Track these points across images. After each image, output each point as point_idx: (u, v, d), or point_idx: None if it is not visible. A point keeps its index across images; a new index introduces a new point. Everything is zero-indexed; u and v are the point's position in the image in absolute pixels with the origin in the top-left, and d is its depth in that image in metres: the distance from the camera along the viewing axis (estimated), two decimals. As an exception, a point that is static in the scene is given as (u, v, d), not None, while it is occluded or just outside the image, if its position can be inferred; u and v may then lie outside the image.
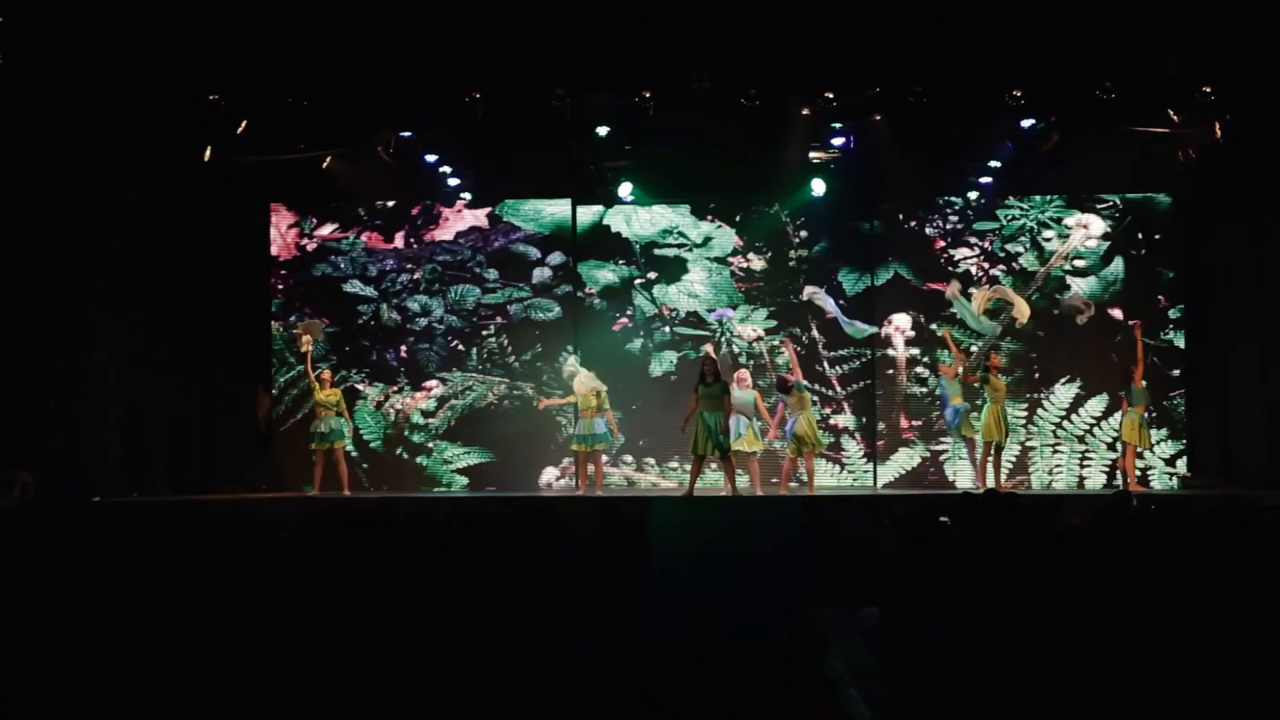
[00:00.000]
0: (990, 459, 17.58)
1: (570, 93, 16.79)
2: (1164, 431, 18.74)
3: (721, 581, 11.62)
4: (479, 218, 19.65)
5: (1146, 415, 17.83)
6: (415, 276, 19.56)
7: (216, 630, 6.61)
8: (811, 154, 18.46)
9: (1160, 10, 15.50)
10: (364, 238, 19.64)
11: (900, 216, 19.28)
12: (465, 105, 16.73)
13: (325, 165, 18.36)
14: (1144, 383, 17.70)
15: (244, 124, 17.07)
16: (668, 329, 19.47)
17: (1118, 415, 18.38)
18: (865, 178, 18.99)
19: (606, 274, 19.57)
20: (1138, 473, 18.06)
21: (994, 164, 18.44)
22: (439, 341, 19.57)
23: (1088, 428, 18.75)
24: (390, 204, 19.64)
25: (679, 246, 19.55)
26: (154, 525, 9.72)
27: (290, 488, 18.93)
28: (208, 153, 17.34)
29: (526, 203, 19.60)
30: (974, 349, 18.90)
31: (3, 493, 14.32)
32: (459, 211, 19.63)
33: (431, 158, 18.37)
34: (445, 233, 19.66)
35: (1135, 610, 6.86)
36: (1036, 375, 19.02)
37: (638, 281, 19.56)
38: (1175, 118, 17.00)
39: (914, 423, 19.03)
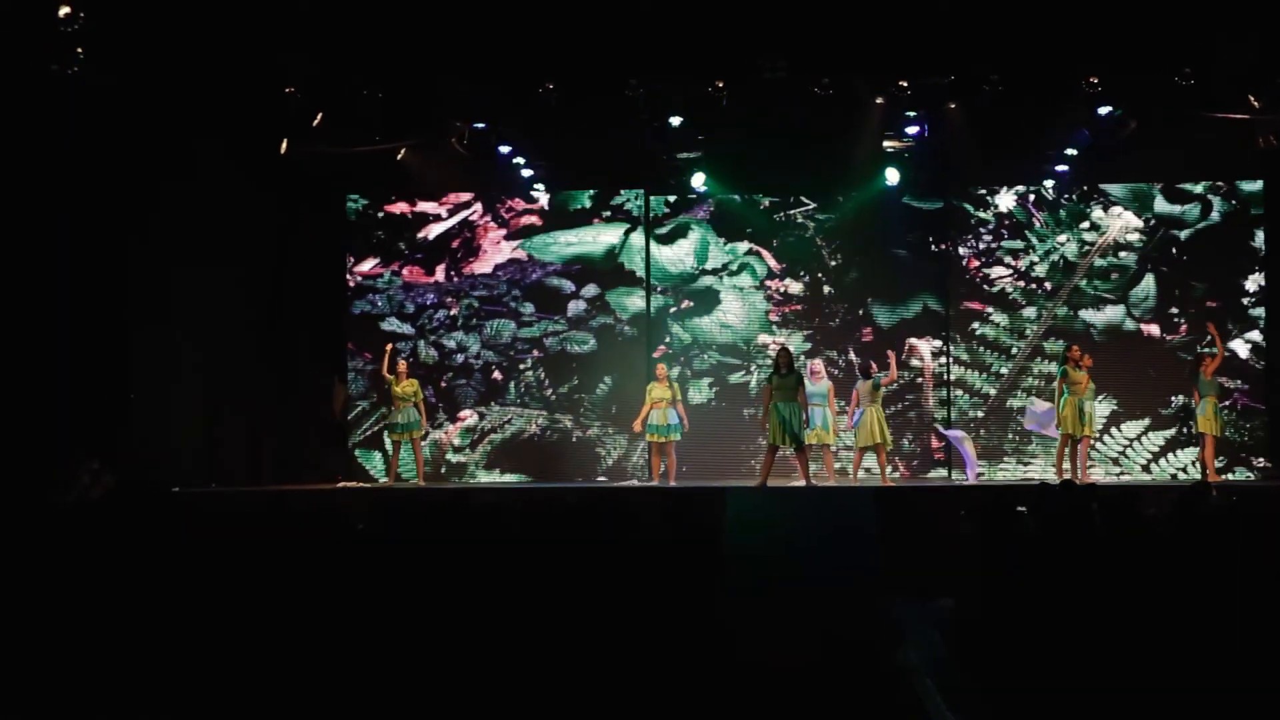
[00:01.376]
0: (1068, 451, 17.44)
1: (643, 83, 16.78)
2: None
3: (795, 573, 11.60)
4: (516, 250, 19.70)
5: (1220, 404, 17.60)
6: (453, 313, 19.63)
7: (296, 620, 6.67)
8: (886, 143, 18.34)
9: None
10: (405, 272, 19.71)
11: (930, 239, 19.19)
12: (539, 96, 16.76)
13: (399, 157, 18.45)
14: (1213, 375, 17.49)
15: (320, 116, 17.20)
16: (706, 355, 19.39)
17: (1153, 435, 18.33)
18: (937, 166, 18.90)
19: (636, 300, 19.57)
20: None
21: (1070, 152, 18.27)
22: (476, 377, 19.61)
23: (1121, 449, 18.48)
24: (431, 236, 19.68)
25: (713, 274, 19.51)
26: (232, 515, 9.81)
27: (365, 478, 19.09)
28: (284, 145, 17.48)
29: (580, 231, 19.65)
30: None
31: (71, 481, 14.46)
32: (498, 244, 19.67)
33: (505, 149, 18.41)
34: (484, 265, 19.70)
35: (1215, 601, 6.80)
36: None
37: (671, 310, 19.54)
38: (1256, 103, 16.79)
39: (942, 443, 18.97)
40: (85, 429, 15.62)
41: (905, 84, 16.88)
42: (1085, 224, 19.06)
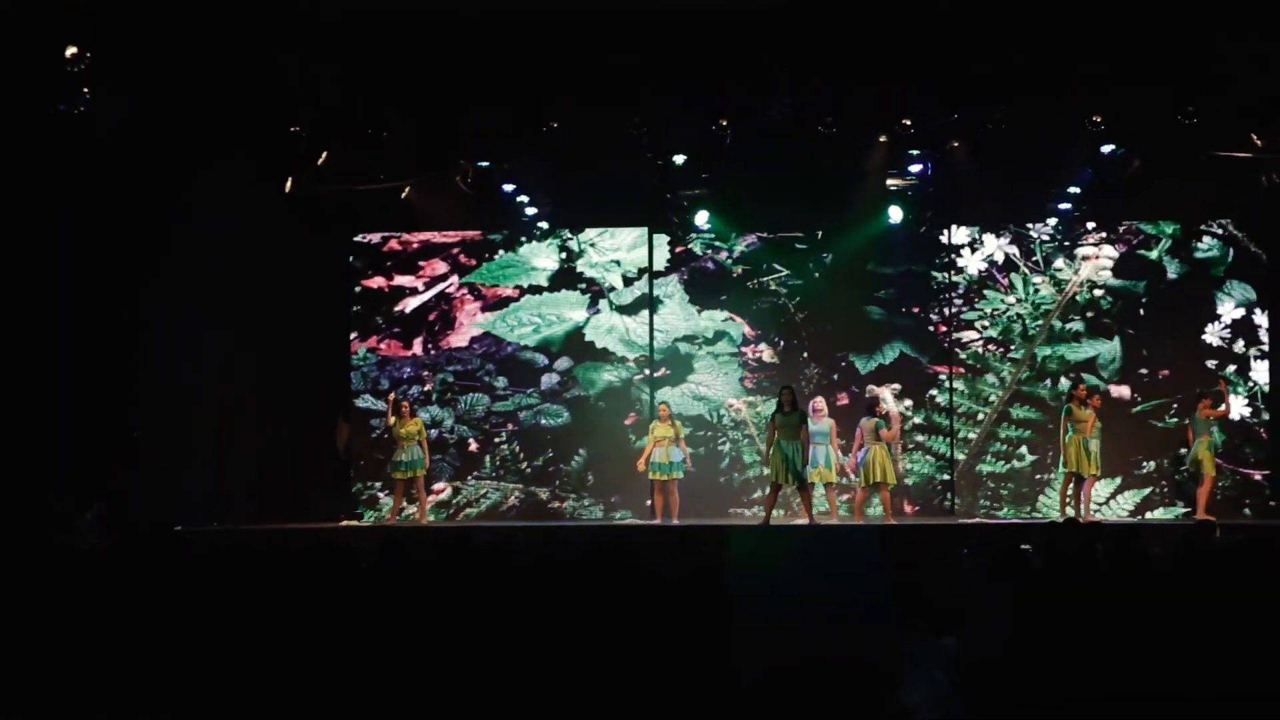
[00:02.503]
0: (1071, 489, 17.42)
1: (646, 121, 16.83)
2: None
3: (799, 610, 11.57)
4: (489, 319, 19.75)
5: (1214, 443, 17.55)
6: (427, 388, 19.65)
7: (299, 658, 6.65)
8: (889, 181, 18.37)
9: (1244, 33, 15.36)
10: (383, 345, 19.76)
11: (899, 300, 19.30)
12: (543, 134, 16.80)
13: (403, 195, 18.49)
14: (1208, 410, 17.44)
15: (325, 155, 17.25)
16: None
17: (1126, 495, 18.43)
18: (937, 206, 18.94)
19: (606, 375, 19.61)
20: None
21: (1073, 190, 18.29)
22: (451, 452, 19.60)
23: (1095, 509, 18.38)
24: (407, 310, 19.78)
25: (689, 341, 19.56)
26: (236, 554, 9.79)
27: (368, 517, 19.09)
28: (289, 184, 17.54)
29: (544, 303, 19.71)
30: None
31: (74, 521, 14.41)
32: (473, 315, 19.73)
33: (509, 187, 18.44)
34: (459, 338, 19.75)
35: (1220, 640, 6.78)
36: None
37: (637, 378, 19.56)
38: (1259, 142, 16.82)
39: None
40: (89, 468, 15.60)
41: (908, 122, 16.91)
42: (1064, 270, 19.19)
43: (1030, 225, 19.11)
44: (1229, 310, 18.83)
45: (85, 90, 14.55)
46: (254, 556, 9.13)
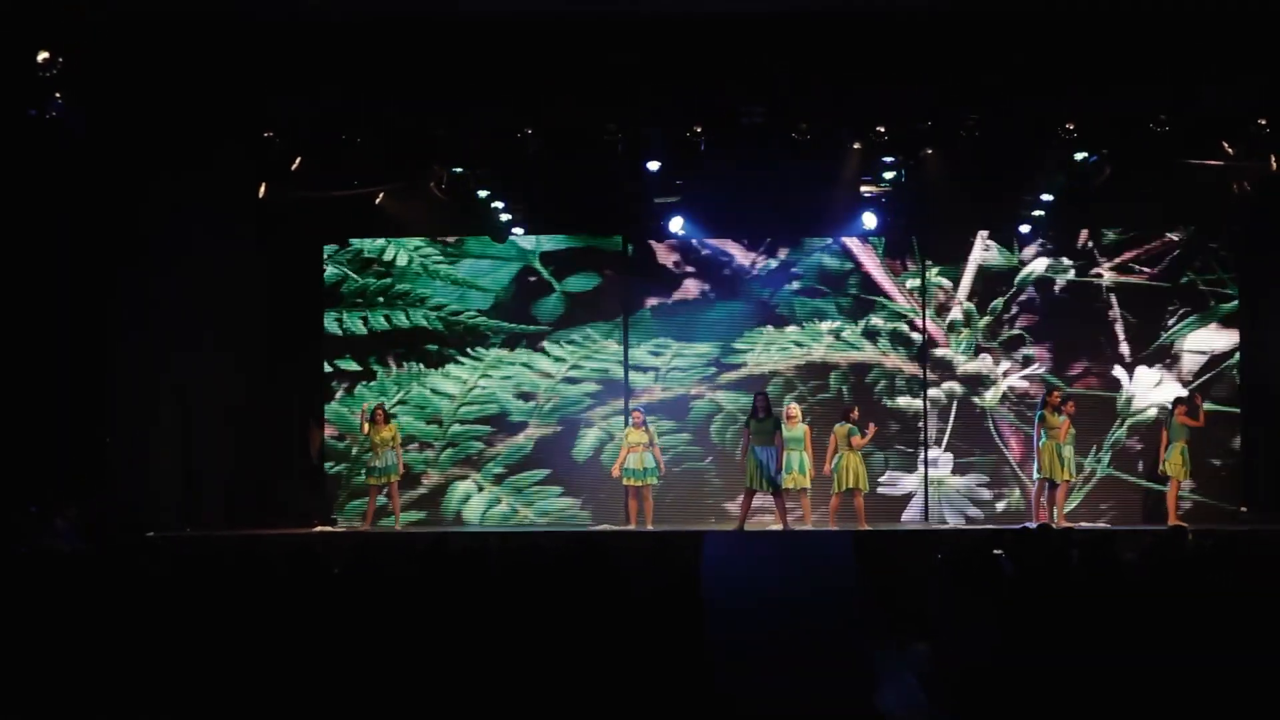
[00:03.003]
0: (1045, 495, 17.49)
1: (621, 127, 16.84)
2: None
3: (773, 616, 11.59)
4: None
5: (1187, 447, 17.65)
6: None
7: (273, 664, 6.64)
8: (863, 188, 18.40)
9: (1215, 42, 15.42)
10: None
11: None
12: (518, 140, 16.79)
13: (378, 201, 18.46)
14: (1184, 417, 17.56)
15: (298, 160, 17.22)
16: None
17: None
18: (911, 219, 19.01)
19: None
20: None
21: (1046, 198, 18.34)
22: None
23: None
24: None
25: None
26: (208, 560, 9.77)
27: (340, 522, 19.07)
28: (262, 189, 17.49)
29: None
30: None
31: (45, 527, 14.33)
32: None
33: (484, 193, 18.42)
34: None
35: (1191, 643, 6.81)
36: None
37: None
38: (1230, 150, 16.90)
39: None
40: (61, 473, 15.53)
41: (883, 129, 16.94)
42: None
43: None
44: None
45: (57, 95, 14.49)
46: (227, 562, 9.11)
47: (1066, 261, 19.23)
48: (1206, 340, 19.02)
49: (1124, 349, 19.00)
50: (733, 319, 19.61)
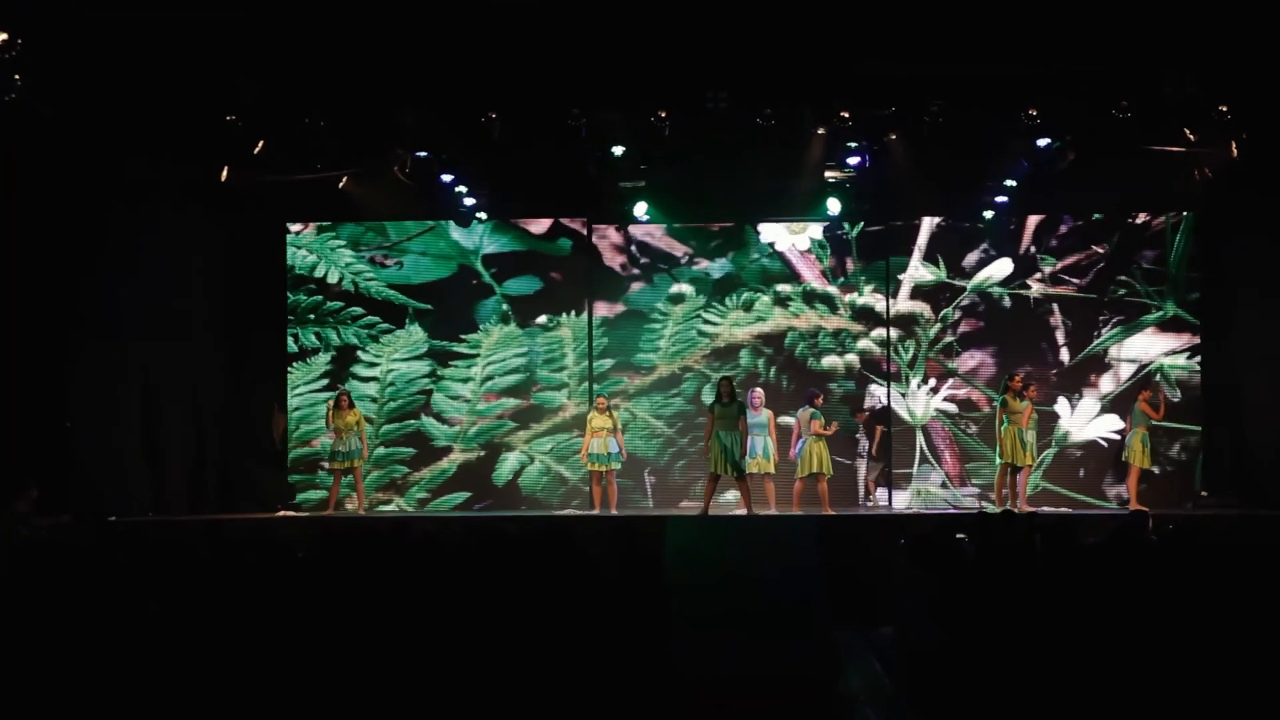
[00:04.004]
0: (1008, 480, 17.55)
1: (585, 112, 16.82)
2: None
3: (737, 600, 11.62)
4: None
5: (1148, 435, 17.76)
6: None
7: (236, 648, 6.62)
8: (827, 173, 18.41)
9: (1176, 29, 15.48)
10: None
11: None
12: (482, 124, 16.75)
13: (341, 185, 18.39)
14: (1147, 405, 17.69)
15: (261, 144, 17.13)
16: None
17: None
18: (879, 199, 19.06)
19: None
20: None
21: (1009, 183, 18.40)
22: None
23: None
24: None
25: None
26: (172, 544, 9.74)
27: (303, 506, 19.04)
28: (224, 172, 17.40)
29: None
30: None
31: (7, 511, 14.26)
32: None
33: (447, 177, 18.38)
34: None
35: (1152, 628, 6.85)
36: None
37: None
38: (1192, 136, 16.98)
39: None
40: (21, 458, 15.44)
41: (847, 115, 16.95)
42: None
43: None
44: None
45: (16, 78, 14.37)
46: (190, 546, 9.09)
47: (1007, 267, 19.40)
48: (1141, 347, 19.22)
49: (1064, 355, 19.15)
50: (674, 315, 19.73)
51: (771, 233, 19.63)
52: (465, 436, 19.59)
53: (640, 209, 18.95)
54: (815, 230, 19.54)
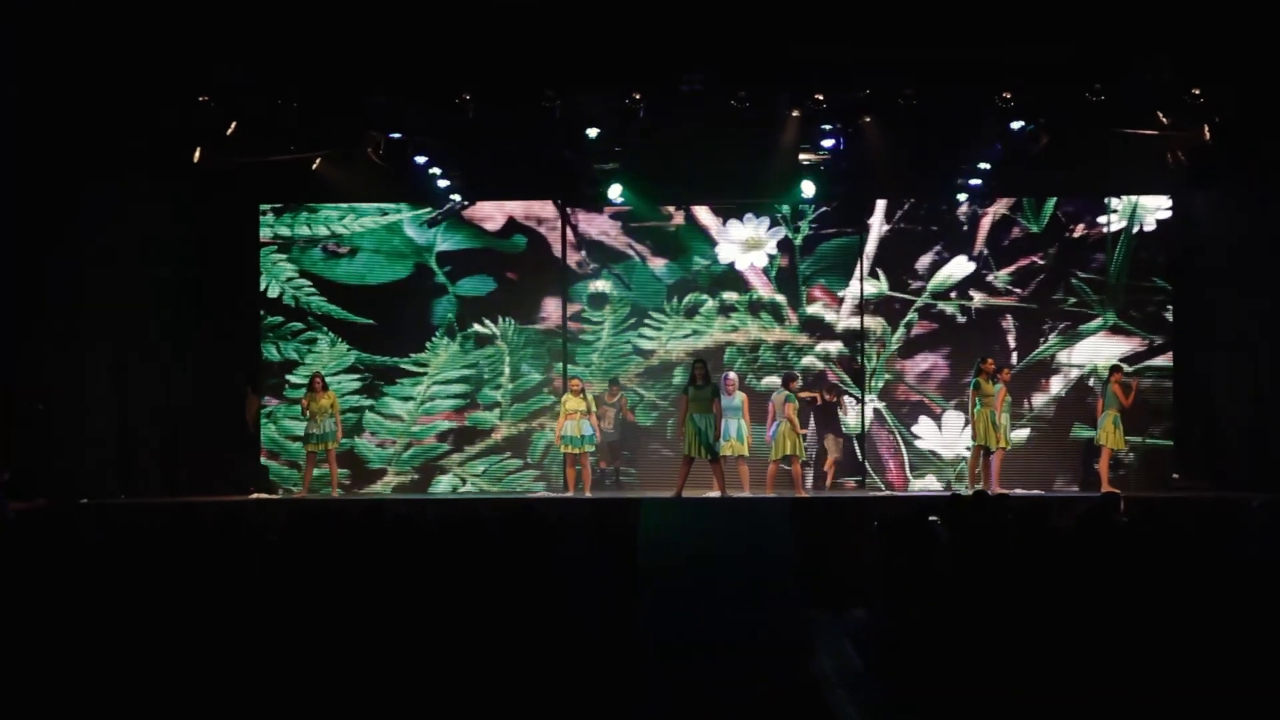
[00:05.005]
0: (981, 462, 17.58)
1: (560, 94, 16.77)
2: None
3: (711, 583, 11.62)
4: None
5: (1120, 416, 17.83)
6: None
7: (208, 630, 6.61)
8: (801, 156, 18.39)
9: (1150, 13, 15.53)
10: None
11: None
12: (455, 106, 16.71)
13: (314, 167, 18.31)
14: (1119, 386, 17.76)
15: (234, 125, 17.05)
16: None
17: None
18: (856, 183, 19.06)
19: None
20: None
21: (983, 165, 18.43)
22: None
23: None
24: None
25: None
26: (144, 527, 9.71)
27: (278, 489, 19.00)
28: (197, 154, 17.32)
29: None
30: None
31: None
32: None
33: (421, 159, 18.31)
34: None
35: (1123, 609, 6.88)
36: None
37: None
38: (1165, 120, 17.02)
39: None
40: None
41: (821, 98, 16.96)
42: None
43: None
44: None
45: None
46: (162, 529, 9.05)
47: (966, 266, 19.47)
48: (1089, 352, 19.36)
49: (1014, 359, 19.20)
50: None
51: (729, 252, 19.61)
52: (399, 459, 19.54)
53: (615, 191, 18.90)
54: (771, 245, 19.53)
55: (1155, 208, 19.28)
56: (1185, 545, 8.20)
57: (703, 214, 19.68)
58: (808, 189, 18.78)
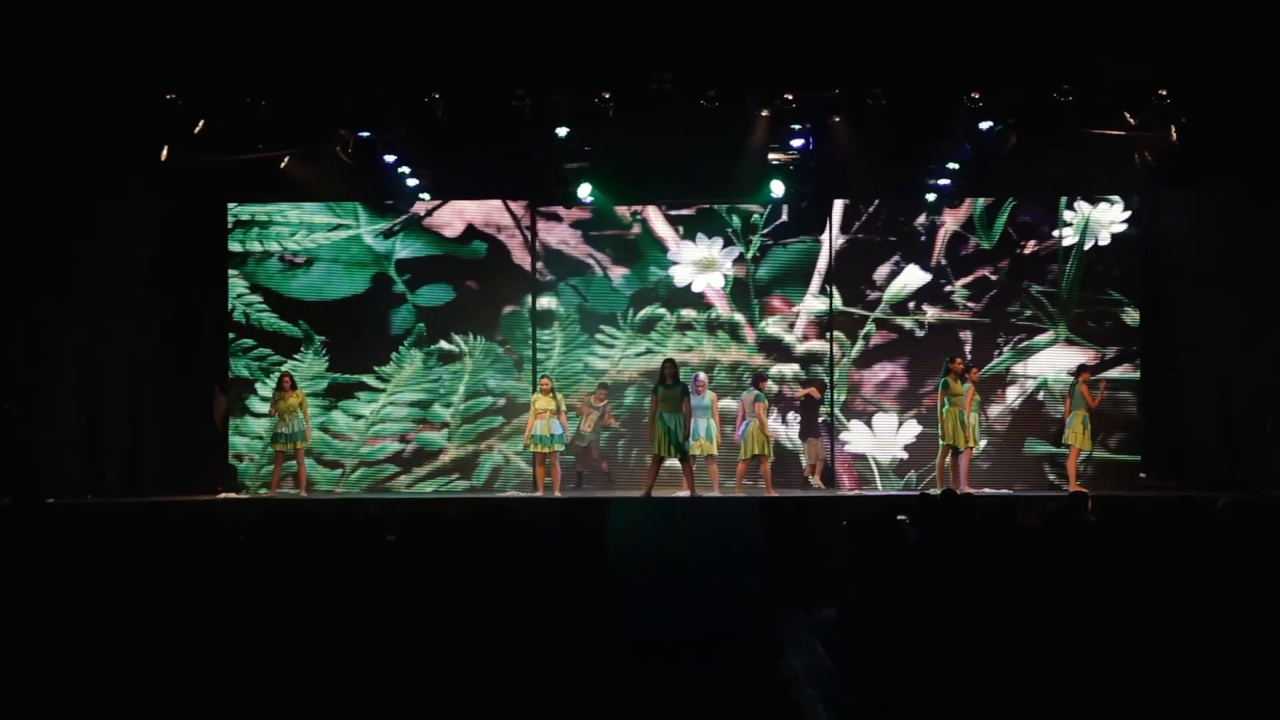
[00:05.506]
0: (949, 461, 17.62)
1: (530, 93, 16.76)
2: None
3: (680, 582, 11.62)
4: None
5: (1088, 416, 17.90)
6: None
7: (175, 632, 6.58)
8: (771, 155, 18.41)
9: (1117, 14, 15.61)
10: None
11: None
12: (425, 105, 16.69)
13: (283, 165, 18.27)
14: (1085, 387, 17.82)
15: (202, 123, 16.99)
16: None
17: None
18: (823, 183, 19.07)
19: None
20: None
21: (952, 165, 18.47)
22: None
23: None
24: None
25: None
26: (111, 527, 9.66)
27: (246, 489, 18.93)
28: (165, 152, 17.26)
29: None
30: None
31: None
32: None
33: (390, 158, 18.27)
34: None
35: (1091, 607, 6.90)
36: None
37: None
38: (1132, 121, 17.09)
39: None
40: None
41: (790, 97, 16.99)
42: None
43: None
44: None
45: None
46: (130, 529, 9.01)
47: (922, 276, 19.53)
48: (1044, 364, 19.42)
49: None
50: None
51: (684, 274, 19.59)
52: (349, 480, 19.47)
53: (584, 190, 18.89)
54: (727, 264, 19.53)
55: (1110, 221, 19.34)
56: (1152, 544, 8.24)
57: (659, 225, 19.64)
58: (777, 189, 18.80)
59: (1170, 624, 6.66)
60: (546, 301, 19.55)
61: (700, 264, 19.54)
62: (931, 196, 19.16)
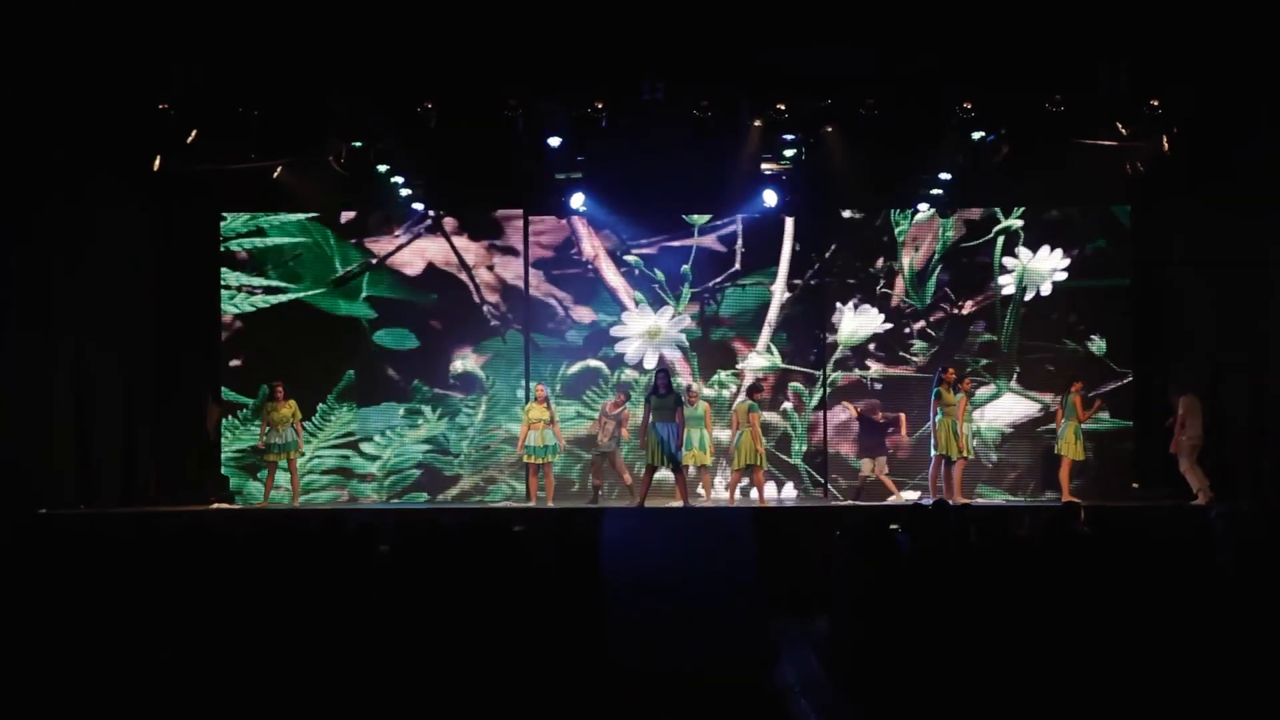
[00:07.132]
0: (942, 472, 17.62)
1: (522, 103, 16.76)
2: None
3: (673, 592, 11.63)
4: None
5: (1081, 427, 17.90)
6: None
7: (168, 641, 6.58)
8: (764, 165, 18.42)
9: (1109, 23, 15.63)
10: None
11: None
12: (417, 115, 16.69)
13: (276, 175, 18.26)
14: (1079, 397, 17.82)
15: (194, 133, 16.99)
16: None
17: None
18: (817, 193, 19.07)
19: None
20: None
21: (944, 175, 18.47)
22: None
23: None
24: None
25: None
26: (103, 537, 9.66)
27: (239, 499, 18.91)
28: (157, 161, 17.26)
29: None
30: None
31: None
32: None
33: (383, 167, 18.25)
34: None
35: (1084, 616, 6.91)
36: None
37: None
38: (1124, 130, 17.11)
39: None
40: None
41: (783, 107, 16.99)
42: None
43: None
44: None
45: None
46: (123, 539, 9.01)
47: (877, 321, 19.55)
48: (993, 415, 19.44)
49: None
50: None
51: (635, 349, 19.53)
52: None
53: (577, 199, 18.89)
54: (673, 330, 19.48)
55: (1050, 270, 19.32)
56: (1145, 553, 8.25)
57: (610, 274, 19.64)
58: (770, 199, 18.81)
59: (1162, 631, 6.67)
60: (458, 365, 19.65)
61: (648, 335, 19.50)
62: (924, 206, 19.14)
